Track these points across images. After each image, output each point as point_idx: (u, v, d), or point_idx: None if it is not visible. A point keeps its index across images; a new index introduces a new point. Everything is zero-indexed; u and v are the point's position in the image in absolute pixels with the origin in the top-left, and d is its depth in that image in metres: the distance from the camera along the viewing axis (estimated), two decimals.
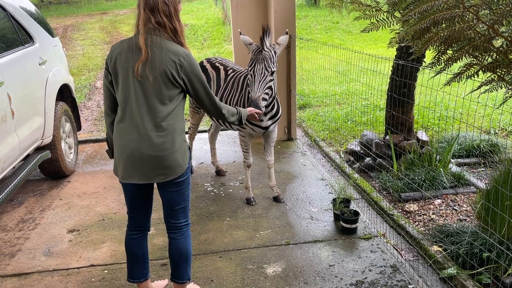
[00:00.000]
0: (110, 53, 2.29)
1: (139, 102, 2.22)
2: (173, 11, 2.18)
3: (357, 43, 11.44)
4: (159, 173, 2.28)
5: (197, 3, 18.20)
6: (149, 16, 2.16)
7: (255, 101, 3.15)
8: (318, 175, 4.46)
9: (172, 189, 2.38)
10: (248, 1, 5.25)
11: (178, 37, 2.23)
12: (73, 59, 10.92)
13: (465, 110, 5.81)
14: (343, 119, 6.13)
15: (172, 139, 2.28)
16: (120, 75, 2.24)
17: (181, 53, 2.21)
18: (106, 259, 3.19)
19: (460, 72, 2.39)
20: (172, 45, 2.21)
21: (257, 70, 3.21)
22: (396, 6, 2.71)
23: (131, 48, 2.21)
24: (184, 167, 2.34)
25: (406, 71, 4.08)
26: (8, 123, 3.43)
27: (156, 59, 2.17)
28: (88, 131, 6.34)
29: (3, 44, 3.83)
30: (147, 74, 2.17)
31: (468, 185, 3.99)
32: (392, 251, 3.16)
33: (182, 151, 2.33)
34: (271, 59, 3.25)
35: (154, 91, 2.21)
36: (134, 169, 2.28)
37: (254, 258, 3.12)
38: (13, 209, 4.03)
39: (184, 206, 2.46)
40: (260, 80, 3.19)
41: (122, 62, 2.22)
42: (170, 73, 2.19)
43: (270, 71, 3.22)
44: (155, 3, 2.15)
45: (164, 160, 2.26)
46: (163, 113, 2.24)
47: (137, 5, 2.21)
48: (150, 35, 2.18)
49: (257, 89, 3.18)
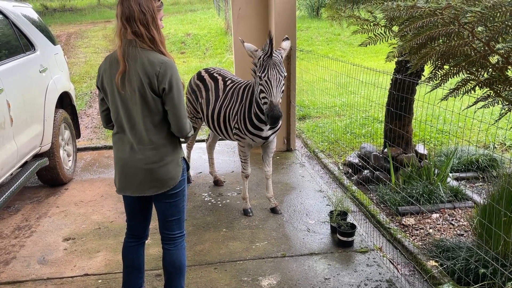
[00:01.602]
0: (98, 72, 2.30)
1: (125, 116, 2.23)
2: (151, 20, 2.12)
3: (358, 55, 11.49)
4: (151, 185, 2.29)
5: (200, 13, 18.33)
6: (126, 26, 2.11)
7: (278, 106, 3.14)
8: (316, 187, 4.45)
9: (166, 201, 2.37)
10: (249, 12, 5.28)
11: (157, 46, 2.16)
12: (75, 66, 10.98)
13: (464, 124, 5.81)
14: (343, 131, 6.13)
15: (162, 151, 2.27)
16: (108, 93, 2.25)
17: (156, 62, 2.12)
18: (101, 268, 3.17)
19: (457, 88, 2.39)
20: (149, 55, 2.14)
21: (272, 76, 3.18)
22: (393, 21, 2.72)
23: (112, 63, 2.21)
24: (177, 180, 2.33)
25: (405, 85, 4.09)
26: (6, 130, 3.43)
27: (133, 72, 2.13)
28: (88, 138, 6.34)
29: (4, 51, 3.85)
30: (127, 87, 2.15)
31: (466, 200, 3.97)
32: (388, 265, 3.14)
33: (174, 163, 2.31)
34: (281, 63, 3.26)
35: (136, 105, 2.18)
36: (128, 182, 2.32)
37: (250, 270, 3.11)
38: (9, 216, 4.03)
39: (179, 218, 2.45)
40: (276, 85, 3.18)
41: (107, 79, 2.22)
42: (147, 84, 2.13)
43: (283, 76, 3.24)
44: (131, 13, 2.09)
45: (155, 173, 2.26)
46: (149, 126, 2.22)
47: (115, 15, 2.17)
48: (128, 47, 2.13)
49: (276, 94, 3.17)
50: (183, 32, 14.04)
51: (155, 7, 2.16)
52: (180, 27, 14.90)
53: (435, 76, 2.49)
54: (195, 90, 4.12)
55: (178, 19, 16.60)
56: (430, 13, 2.01)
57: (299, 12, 17.16)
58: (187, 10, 19.70)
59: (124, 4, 2.11)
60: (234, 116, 3.72)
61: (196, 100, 4.12)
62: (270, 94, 3.18)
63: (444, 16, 1.98)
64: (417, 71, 4.17)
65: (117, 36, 2.16)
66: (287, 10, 5.00)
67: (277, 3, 4.94)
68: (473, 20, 1.93)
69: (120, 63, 2.13)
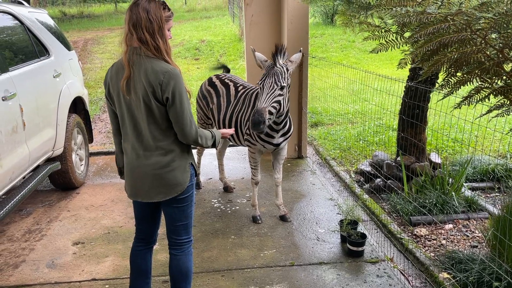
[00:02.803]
0: (105, 78, 2.32)
1: (131, 123, 2.24)
2: (157, 29, 2.12)
3: (372, 62, 11.40)
4: (158, 191, 2.29)
5: (215, 20, 18.44)
6: (132, 32, 2.12)
7: (260, 111, 3.12)
8: (327, 195, 4.40)
9: (174, 206, 2.37)
10: (262, 19, 5.28)
11: (162, 55, 2.15)
12: (91, 72, 11.13)
13: (478, 132, 5.70)
14: (355, 138, 6.07)
15: (170, 158, 2.27)
16: (115, 99, 2.27)
17: (160, 71, 2.12)
18: (109, 273, 3.17)
19: (470, 95, 2.34)
20: (153, 63, 2.14)
21: (266, 84, 3.21)
22: (405, 27, 2.68)
23: (118, 70, 2.23)
24: (184, 185, 2.32)
25: (418, 92, 4.03)
26: (19, 134, 3.47)
27: (137, 79, 2.14)
28: (100, 143, 6.40)
29: (19, 57, 3.91)
30: (132, 93, 2.16)
31: (481, 211, 3.88)
32: (399, 276, 3.07)
33: (181, 169, 2.31)
34: (282, 74, 3.24)
35: (141, 112, 2.18)
36: (137, 189, 2.34)
37: (257, 278, 3.07)
38: (21, 219, 4.07)
39: (186, 223, 2.44)
40: (268, 92, 3.18)
41: (114, 87, 2.25)
42: (151, 93, 2.13)
43: (280, 86, 3.21)
44: (138, 19, 2.10)
45: (162, 178, 2.27)
46: (156, 133, 2.23)
47: (124, 20, 2.19)
48: (132, 53, 2.14)
49: (263, 101, 3.17)
50: (197, 39, 14.13)
51: (163, 17, 2.17)
52: (195, 34, 15.01)
53: (448, 83, 2.44)
54: (206, 96, 4.12)
55: (193, 26, 16.72)
56: (441, 19, 1.97)
57: (313, 18, 17.13)
58: (202, 16, 19.85)
59: (133, 10, 2.14)
60: (246, 122, 3.71)
61: (206, 106, 4.11)
62: (259, 100, 3.20)
63: (455, 22, 1.93)
64: (431, 78, 4.10)
65: (123, 42, 2.18)
66: (300, 17, 4.98)
67: (289, 10, 4.93)
68: (486, 26, 1.88)
69: (125, 69, 2.15)
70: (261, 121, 3.10)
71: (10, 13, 4.00)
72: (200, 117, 4.29)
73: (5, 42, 3.80)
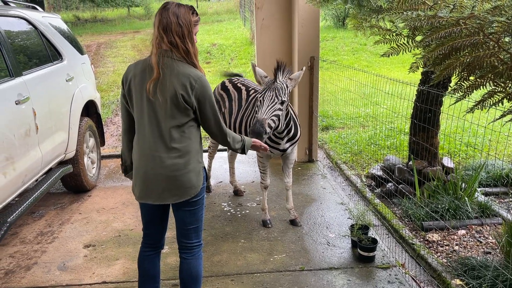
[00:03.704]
0: (125, 74, 2.32)
1: (151, 124, 2.24)
2: (187, 33, 2.18)
3: (384, 66, 11.33)
4: (172, 193, 2.29)
5: (227, 23, 18.51)
6: (163, 36, 2.18)
7: (261, 121, 3.11)
8: (338, 199, 4.37)
9: (185, 209, 2.37)
10: (273, 23, 5.28)
11: (190, 58, 2.22)
12: (103, 75, 11.24)
13: (491, 137, 5.62)
14: (366, 142, 6.02)
15: (186, 160, 2.27)
16: (134, 97, 2.27)
17: (193, 76, 2.19)
18: (119, 276, 3.18)
19: (482, 100, 2.30)
20: (184, 67, 2.20)
21: (267, 96, 3.20)
22: (416, 31, 2.65)
23: (145, 69, 2.24)
24: (198, 188, 2.33)
25: (431, 96, 3.99)
26: (31, 138, 3.52)
27: (167, 81, 2.17)
28: (112, 146, 6.45)
29: (32, 61, 3.96)
30: (158, 95, 2.18)
31: (494, 216, 3.81)
32: (410, 282, 3.03)
33: (196, 172, 2.32)
34: (283, 90, 3.23)
35: (165, 113, 2.21)
36: (149, 190, 2.32)
37: (267, 283, 3.06)
38: (33, 221, 4.11)
39: (197, 227, 2.44)
40: (268, 104, 3.17)
41: (137, 85, 2.25)
42: (181, 95, 2.18)
43: (280, 100, 3.19)
44: (169, 23, 2.16)
45: (177, 180, 2.27)
46: (176, 135, 2.24)
47: (153, 24, 2.26)
48: (163, 56, 2.18)
49: (264, 112, 3.15)
50: (209, 42, 14.20)
51: (192, 21, 2.22)
52: (206, 37, 15.08)
53: (461, 87, 2.40)
54: (219, 100, 4.14)
55: (205, 30, 16.80)
56: (453, 22, 1.95)
57: (325, 22, 17.09)
58: (213, 20, 19.94)
59: (163, 15, 2.19)
60: None
61: (219, 110, 4.13)
62: (259, 111, 3.18)
63: (468, 26, 1.91)
64: (444, 82, 4.06)
65: (153, 44, 2.22)
66: (311, 20, 4.97)
67: (300, 13, 4.93)
68: (499, 30, 1.85)
69: (154, 70, 2.17)
70: (262, 131, 3.07)
71: (24, 18, 4.06)
72: None
73: (19, 46, 3.86)
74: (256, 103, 3.33)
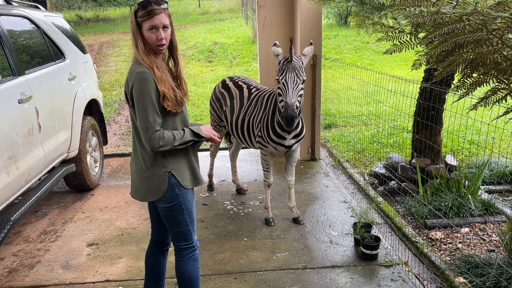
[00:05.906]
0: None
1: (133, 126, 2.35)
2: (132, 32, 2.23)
3: (387, 64, 11.30)
4: (139, 194, 2.37)
5: (229, 22, 18.50)
6: None
7: (292, 106, 3.15)
8: (341, 197, 4.36)
9: (163, 213, 2.37)
10: (275, 21, 5.28)
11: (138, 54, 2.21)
12: (106, 74, 11.25)
13: (497, 135, 5.59)
14: (369, 140, 6.01)
15: (146, 164, 2.28)
16: None
17: (131, 71, 2.22)
18: (122, 275, 3.19)
19: (486, 97, 2.29)
20: (133, 65, 2.24)
21: (289, 78, 3.22)
22: (419, 28, 2.64)
23: None
24: (159, 194, 2.28)
25: (434, 94, 3.97)
26: (34, 136, 3.52)
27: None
28: (115, 145, 6.45)
29: (35, 60, 3.97)
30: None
31: (498, 214, 3.80)
32: (414, 280, 3.02)
33: (156, 177, 2.26)
34: (301, 68, 3.28)
35: (133, 115, 2.28)
36: (132, 188, 2.45)
37: (270, 281, 3.05)
38: (37, 220, 4.12)
39: (181, 231, 2.39)
40: (293, 87, 3.21)
41: None
42: (125, 93, 2.28)
43: (302, 80, 3.25)
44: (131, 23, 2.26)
45: (139, 182, 2.34)
46: (138, 137, 2.29)
47: None
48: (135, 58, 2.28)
49: (291, 95, 3.19)
50: (211, 41, 14.19)
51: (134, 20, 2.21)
52: (208, 36, 15.07)
53: (464, 84, 2.39)
54: (220, 98, 4.13)
55: (207, 29, 16.80)
56: (456, 19, 1.93)
57: (327, 20, 17.06)
58: (215, 19, 19.93)
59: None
60: (257, 124, 3.70)
61: (220, 108, 4.12)
62: (286, 95, 3.20)
63: (471, 22, 1.89)
64: (447, 79, 4.04)
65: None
66: (313, 18, 4.96)
67: (302, 11, 4.92)
68: (503, 26, 1.84)
69: None
70: (294, 115, 3.15)
71: (27, 17, 4.07)
72: (213, 119, 4.29)
73: (21, 45, 3.87)
74: (278, 86, 3.30)
